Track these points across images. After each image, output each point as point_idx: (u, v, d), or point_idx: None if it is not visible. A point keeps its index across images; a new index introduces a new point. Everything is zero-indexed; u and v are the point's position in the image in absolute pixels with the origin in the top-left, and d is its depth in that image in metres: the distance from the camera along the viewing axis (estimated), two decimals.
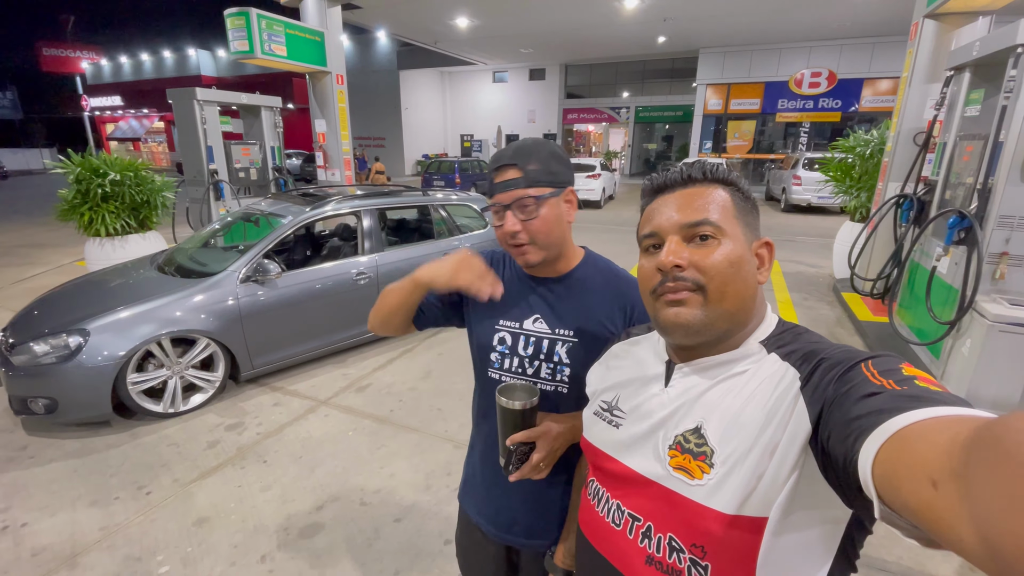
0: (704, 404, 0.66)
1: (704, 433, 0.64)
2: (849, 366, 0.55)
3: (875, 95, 16.71)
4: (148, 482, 2.57)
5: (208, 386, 3.33)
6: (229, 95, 6.30)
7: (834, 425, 0.51)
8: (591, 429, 0.81)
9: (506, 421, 0.89)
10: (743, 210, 0.69)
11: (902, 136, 5.17)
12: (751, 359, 0.66)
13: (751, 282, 0.67)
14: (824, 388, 0.55)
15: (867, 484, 0.45)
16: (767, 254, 0.70)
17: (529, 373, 1.03)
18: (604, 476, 0.76)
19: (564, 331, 1.01)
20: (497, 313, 1.07)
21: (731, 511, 0.59)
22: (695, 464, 0.63)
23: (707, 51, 18.29)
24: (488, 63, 23.11)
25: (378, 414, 3.27)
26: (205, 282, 3.32)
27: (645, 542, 0.68)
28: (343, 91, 7.82)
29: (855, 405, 0.50)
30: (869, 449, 0.45)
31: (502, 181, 0.95)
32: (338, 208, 4.07)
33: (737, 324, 0.67)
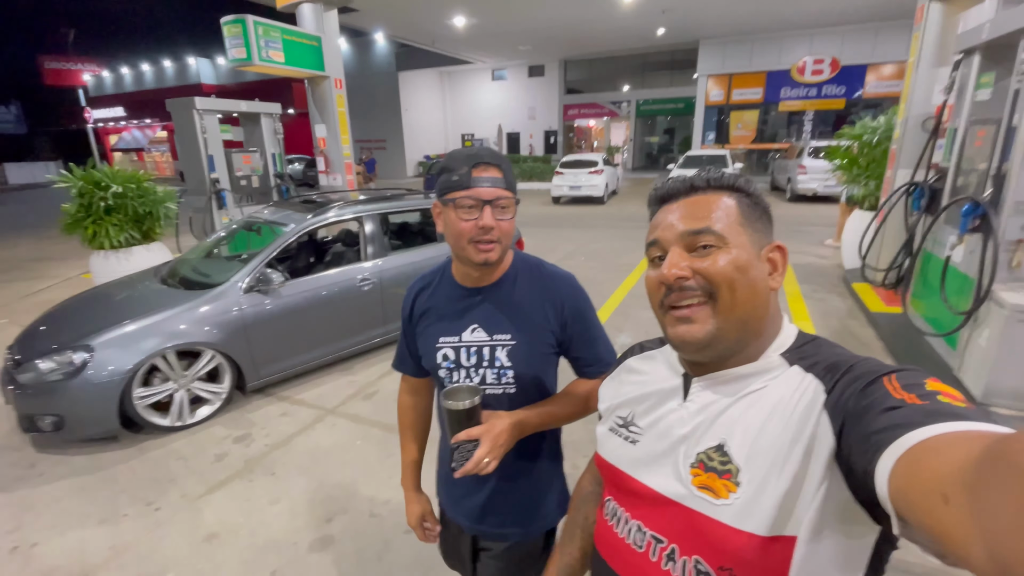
0: (726, 420, 0.63)
1: (728, 451, 0.61)
2: (872, 379, 0.53)
3: (879, 80, 16.52)
4: (156, 498, 2.56)
5: (214, 398, 3.31)
6: (228, 103, 6.29)
7: (854, 439, 0.51)
8: (606, 445, 0.79)
9: (451, 421, 0.93)
10: (750, 216, 0.67)
11: (910, 122, 5.08)
12: (773, 372, 0.63)
13: (761, 288, 0.65)
14: (846, 401, 0.54)
15: (884, 499, 0.45)
16: (780, 259, 0.67)
17: (476, 381, 1.06)
18: (622, 495, 0.74)
19: (501, 335, 1.05)
20: (437, 331, 1.10)
21: (762, 532, 0.57)
22: (720, 483, 0.61)
23: (707, 42, 18.14)
24: (487, 61, 23.05)
25: (386, 422, 3.24)
26: (209, 293, 3.30)
27: (669, 565, 0.65)
28: (342, 95, 7.79)
29: (875, 419, 0.49)
30: (885, 464, 0.45)
31: (486, 177, 0.96)
32: (340, 215, 4.04)
33: (750, 333, 0.65)
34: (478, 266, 1.01)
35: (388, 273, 4.15)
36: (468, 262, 1.01)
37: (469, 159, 0.97)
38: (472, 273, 1.05)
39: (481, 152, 0.98)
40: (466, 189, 0.95)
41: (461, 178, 0.96)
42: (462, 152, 0.98)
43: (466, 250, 0.99)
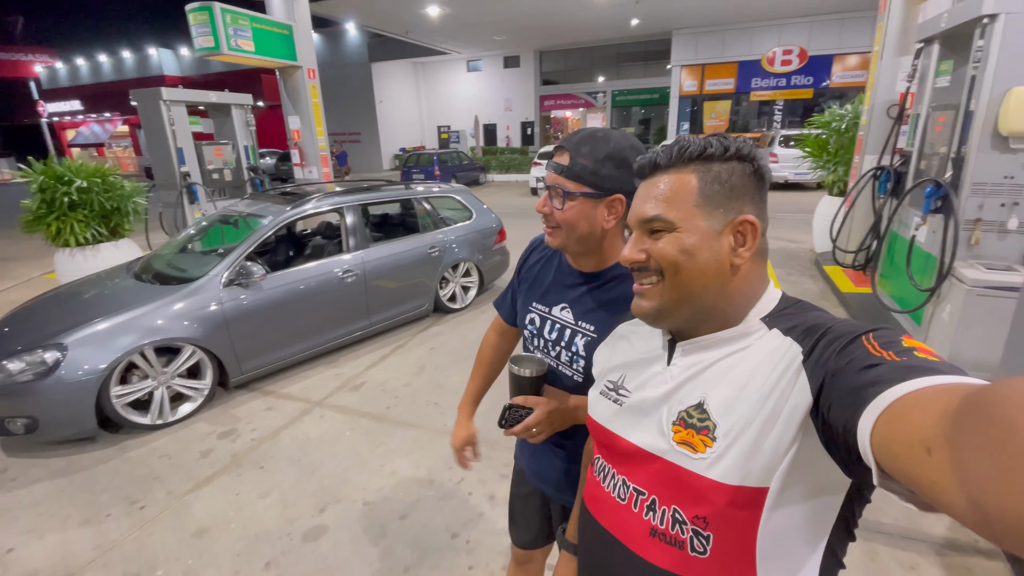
0: (706, 380, 0.68)
1: (707, 408, 0.66)
2: (851, 339, 0.56)
3: (845, 71, 16.96)
4: (141, 496, 2.51)
5: (196, 394, 3.25)
6: (197, 94, 6.09)
7: (835, 396, 0.53)
8: (596, 407, 0.83)
9: (513, 385, 1.01)
10: (711, 192, 0.67)
11: (876, 109, 5.25)
12: (752, 336, 0.67)
13: (712, 267, 0.67)
14: (825, 361, 0.56)
15: (866, 452, 0.47)
16: (749, 231, 0.67)
17: (552, 356, 1.10)
18: (609, 453, 0.79)
19: (586, 325, 1.04)
20: (534, 296, 1.15)
21: (732, 482, 0.61)
22: (698, 439, 0.65)
23: (680, 32, 18.32)
24: (461, 52, 22.81)
25: (374, 412, 3.23)
26: (186, 288, 3.23)
27: (649, 515, 0.70)
28: (316, 86, 7.63)
29: (856, 376, 0.51)
30: (868, 418, 0.47)
31: (555, 163, 0.98)
32: (319, 206, 3.99)
33: (706, 307, 0.69)
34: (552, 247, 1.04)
35: (371, 265, 4.12)
36: None
37: (561, 140, 0.99)
38: (571, 254, 1.06)
39: (573, 135, 0.98)
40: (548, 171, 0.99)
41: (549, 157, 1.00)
42: (573, 132, 1.00)
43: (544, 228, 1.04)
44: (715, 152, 0.68)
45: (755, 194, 0.69)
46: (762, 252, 0.70)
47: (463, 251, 4.87)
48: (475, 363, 1.39)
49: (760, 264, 0.70)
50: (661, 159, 0.70)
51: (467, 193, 5.30)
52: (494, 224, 5.23)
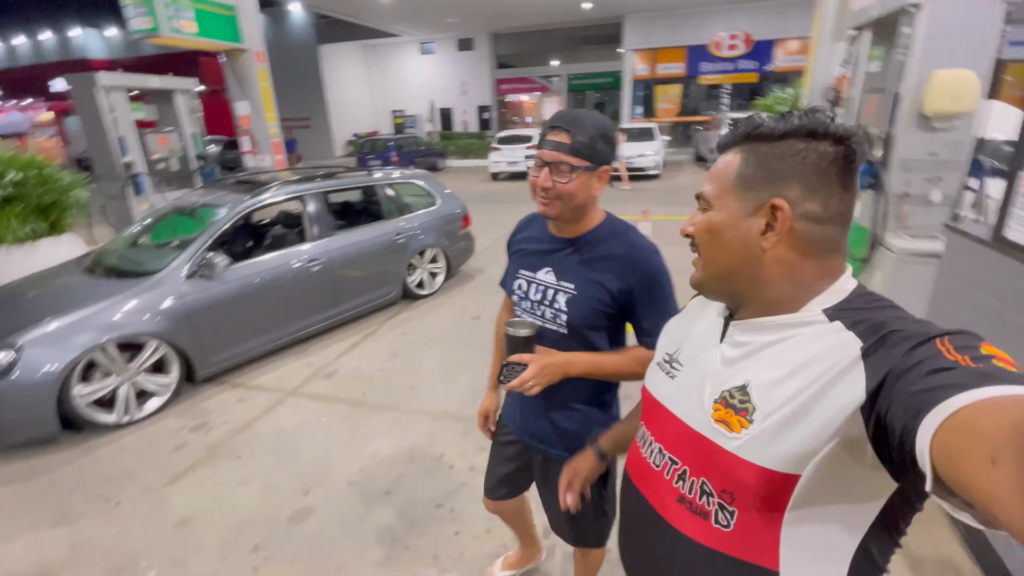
0: (754, 363, 0.67)
1: (749, 391, 0.66)
2: (923, 339, 0.53)
3: (787, 55, 17.68)
4: (115, 493, 2.47)
5: (163, 390, 3.18)
6: (138, 78, 5.76)
7: (896, 396, 0.51)
8: (651, 378, 0.86)
9: (508, 346, 1.12)
10: (747, 175, 0.67)
11: (815, 93, 5.59)
12: (811, 325, 0.65)
13: (738, 249, 0.68)
14: (891, 359, 0.54)
15: (923, 458, 0.45)
16: (778, 218, 0.65)
17: (537, 315, 1.24)
18: (653, 421, 0.82)
19: (566, 283, 1.18)
20: (522, 265, 1.29)
21: (763, 464, 0.62)
22: (736, 419, 0.66)
23: (631, 16, 18.55)
24: (414, 34, 22.29)
25: (350, 398, 3.27)
26: (146, 281, 3.13)
27: (680, 483, 0.73)
28: (265, 69, 7.36)
29: (923, 379, 0.49)
30: (931, 422, 0.45)
31: (552, 140, 1.08)
32: (282, 194, 3.92)
33: (744, 288, 0.69)
34: (550, 218, 1.16)
35: (336, 253, 4.10)
36: None
37: (551, 121, 1.09)
38: (555, 224, 1.20)
39: (562, 115, 1.09)
40: (539, 149, 1.10)
41: (540, 138, 1.11)
42: (556, 113, 1.10)
43: (536, 200, 1.15)
44: (765, 132, 0.66)
45: (811, 178, 0.64)
46: (817, 241, 0.65)
47: (429, 237, 4.89)
48: (495, 341, 1.53)
49: (812, 254, 0.66)
50: (723, 140, 0.72)
51: (430, 179, 5.30)
52: (458, 210, 5.26)
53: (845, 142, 0.63)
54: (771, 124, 0.66)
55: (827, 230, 0.65)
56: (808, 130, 0.63)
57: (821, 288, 0.66)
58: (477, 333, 4.15)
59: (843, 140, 0.63)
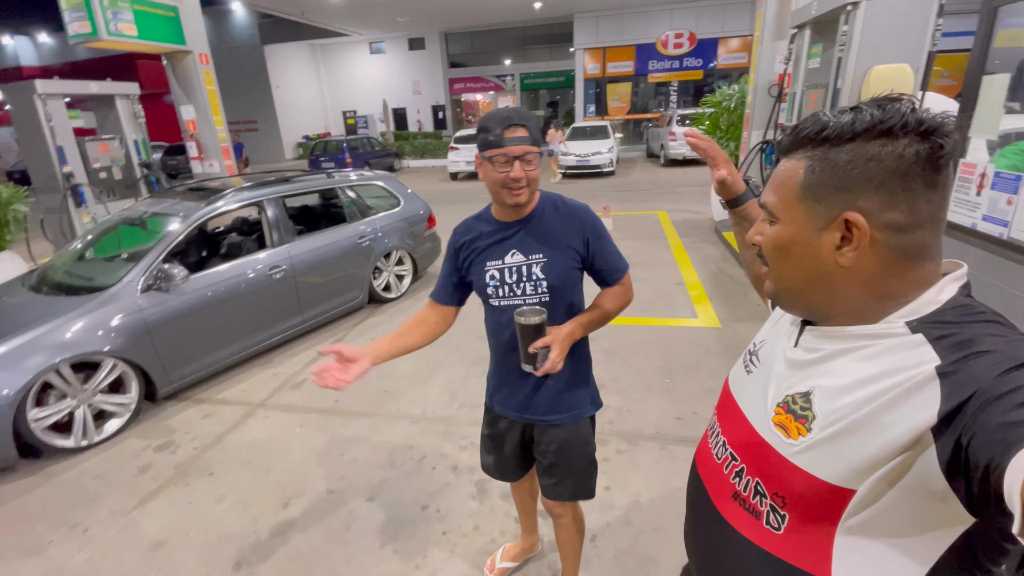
0: (822, 371, 0.64)
1: (812, 399, 0.63)
2: (1018, 364, 0.48)
3: (729, 53, 18.42)
4: (82, 519, 2.35)
5: (122, 410, 3.04)
6: (76, 85, 5.42)
7: (983, 425, 0.47)
8: (734, 371, 0.85)
9: (525, 335, 1.23)
10: (814, 184, 0.61)
11: (759, 89, 5.88)
12: (889, 339, 0.59)
13: (811, 266, 0.63)
14: (974, 382, 0.49)
15: (1012, 498, 0.42)
16: (854, 233, 0.58)
17: (518, 294, 1.35)
18: (723, 414, 0.83)
19: (535, 255, 1.33)
20: (484, 258, 1.37)
21: (817, 474, 0.60)
22: (795, 425, 0.64)
23: (581, 16, 18.85)
24: (363, 34, 21.85)
25: (322, 407, 3.21)
26: (99, 297, 2.98)
27: (736, 479, 0.73)
28: (210, 71, 7.06)
29: (1017, 410, 0.45)
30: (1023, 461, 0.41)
31: (515, 137, 1.20)
32: (238, 200, 3.80)
33: (820, 302, 0.65)
34: (511, 206, 1.28)
35: (299, 259, 4.01)
36: (504, 204, 1.29)
37: (502, 121, 1.20)
38: (508, 211, 1.33)
39: (511, 115, 1.21)
40: (499, 148, 1.20)
41: (496, 138, 1.20)
42: (496, 114, 1.22)
43: (501, 194, 1.27)
44: (832, 133, 0.59)
45: (890, 184, 0.56)
46: (904, 251, 0.58)
47: (393, 239, 4.85)
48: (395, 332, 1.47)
49: (898, 264, 0.59)
50: (784, 144, 0.65)
51: (392, 180, 5.25)
52: (422, 210, 5.24)
53: (930, 137, 0.54)
54: (838, 123, 0.58)
55: (915, 237, 0.58)
56: (884, 128, 0.55)
57: (909, 299, 0.60)
58: (450, 334, 4.08)
59: (928, 134, 0.54)
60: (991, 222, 1.91)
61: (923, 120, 0.54)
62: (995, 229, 1.88)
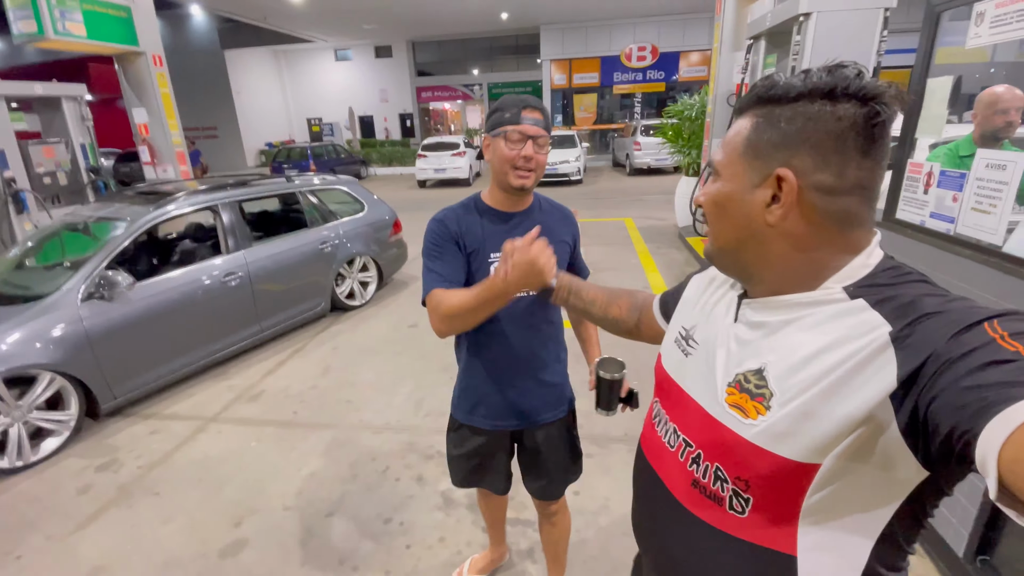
0: (770, 345, 0.63)
1: (766, 375, 0.62)
2: (968, 324, 0.48)
3: (689, 66, 19.03)
4: (14, 547, 2.15)
5: (61, 428, 2.83)
6: (19, 86, 5.11)
7: (944, 388, 0.46)
8: (666, 355, 0.82)
9: (605, 388, 1.24)
10: (756, 141, 0.61)
11: (719, 99, 6.04)
12: (829, 305, 0.59)
13: (742, 222, 0.63)
14: (929, 345, 0.49)
15: (985, 466, 0.42)
16: (784, 189, 0.59)
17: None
18: (666, 400, 0.80)
19: None
20: (486, 248, 1.29)
21: (781, 453, 0.58)
22: (751, 404, 0.62)
23: (547, 27, 19.14)
24: (328, 40, 21.57)
25: (280, 419, 3.07)
26: (35, 306, 2.78)
27: (693, 467, 0.70)
28: (164, 74, 6.78)
29: (979, 372, 0.44)
30: (998, 428, 0.41)
31: (532, 117, 1.19)
32: (190, 204, 3.63)
33: (752, 263, 0.65)
34: (515, 190, 1.23)
35: (255, 266, 3.86)
36: (507, 187, 1.24)
37: (520, 102, 1.20)
38: (510, 199, 1.28)
39: (528, 98, 1.21)
40: (515, 124, 1.18)
41: (512, 116, 1.19)
42: (513, 97, 1.22)
43: (508, 175, 1.21)
44: (777, 93, 0.59)
45: (824, 144, 0.57)
46: (832, 213, 0.59)
47: (357, 245, 4.74)
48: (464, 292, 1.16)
49: (827, 227, 0.59)
50: (740, 104, 0.66)
51: (356, 184, 5.14)
52: (387, 216, 5.14)
53: (869, 102, 0.55)
54: (786, 83, 0.59)
55: (844, 201, 0.58)
56: (826, 89, 0.56)
57: (841, 264, 0.60)
58: (416, 341, 4.06)
59: (868, 100, 0.55)
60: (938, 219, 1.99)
61: (865, 86, 0.55)
62: (942, 226, 1.95)
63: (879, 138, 0.56)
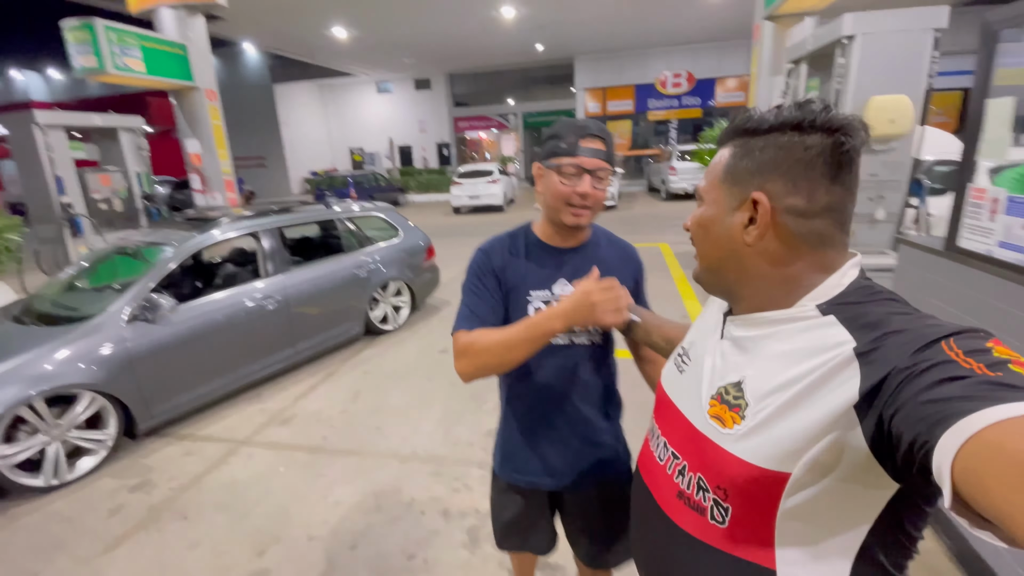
0: (749, 359, 0.67)
1: (743, 387, 0.65)
2: (927, 342, 0.51)
3: (726, 92, 18.88)
4: (42, 568, 2.17)
5: (98, 447, 2.88)
6: (78, 116, 5.50)
7: (905, 402, 0.48)
8: (665, 372, 0.87)
9: None
10: (736, 168, 0.66)
11: None
12: (803, 321, 0.63)
13: (723, 243, 0.68)
14: (891, 360, 0.52)
15: (941, 475, 0.43)
16: (759, 211, 0.64)
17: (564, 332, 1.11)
18: (660, 415, 0.83)
19: None
20: (527, 284, 1.15)
21: (754, 461, 0.61)
22: (729, 415, 0.66)
23: (582, 58, 19.45)
24: (370, 74, 22.55)
25: (309, 444, 3.05)
26: (81, 327, 2.88)
27: (679, 478, 0.73)
28: (216, 107, 7.20)
29: (937, 387, 0.46)
30: (951, 441, 0.43)
31: (591, 148, 1.05)
32: (232, 230, 3.74)
33: (734, 282, 0.70)
34: (568, 228, 1.11)
35: (293, 290, 3.92)
36: (559, 224, 1.11)
37: (579, 130, 1.05)
38: (562, 234, 1.15)
39: (589, 124, 1.07)
40: (571, 156, 1.04)
41: (569, 146, 1.05)
42: (572, 122, 1.07)
43: (560, 212, 1.08)
44: (752, 125, 0.65)
45: (793, 171, 0.62)
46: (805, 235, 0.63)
47: (392, 270, 4.78)
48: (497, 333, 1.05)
49: (801, 248, 0.64)
50: (722, 136, 0.72)
51: (392, 211, 5.22)
52: (422, 242, 5.18)
53: (835, 133, 0.60)
54: (759, 117, 0.65)
55: (816, 223, 0.63)
56: (795, 122, 0.62)
57: (815, 283, 0.64)
58: (446, 367, 4.01)
59: (833, 131, 0.60)
60: (1008, 248, 1.81)
61: (830, 119, 0.60)
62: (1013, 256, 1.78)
63: (846, 165, 0.61)
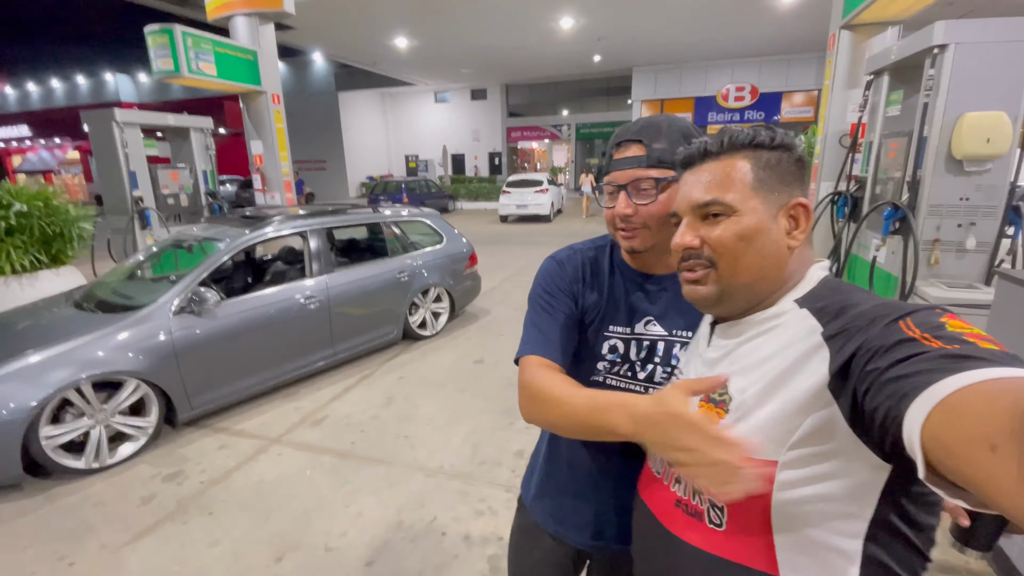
0: (733, 359, 0.70)
1: (727, 385, 0.67)
2: (888, 321, 0.53)
3: (792, 107, 18.02)
4: (70, 551, 2.21)
5: (139, 433, 2.96)
6: (153, 116, 5.86)
7: (872, 381, 0.50)
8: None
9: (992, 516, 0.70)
10: (766, 177, 0.68)
11: (829, 139, 5.51)
12: (783, 316, 0.67)
13: (771, 252, 0.68)
14: (856, 340, 0.54)
15: (912, 446, 0.45)
16: (801, 215, 0.69)
17: (641, 377, 0.94)
18: None
19: (681, 332, 0.92)
20: (605, 318, 0.95)
21: None
22: (714, 412, 0.67)
23: (640, 69, 19.13)
24: (429, 83, 23.13)
25: (338, 448, 3.02)
26: (132, 316, 2.98)
27: (676, 487, 0.74)
28: (280, 111, 7.50)
29: (900, 364, 0.48)
30: (918, 410, 0.44)
31: (622, 158, 0.87)
32: (281, 229, 3.81)
33: (760, 293, 0.69)
34: (629, 253, 0.93)
35: (335, 291, 3.95)
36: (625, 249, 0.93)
37: (615, 138, 0.89)
38: (641, 257, 0.93)
39: (629, 127, 0.89)
40: (607, 174, 0.90)
41: (607, 161, 0.90)
42: (620, 128, 0.91)
43: (616, 236, 0.92)
44: (764, 140, 0.69)
45: (801, 181, 0.71)
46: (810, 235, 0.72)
47: (433, 276, 4.75)
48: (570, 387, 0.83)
49: (809, 247, 0.71)
50: (712, 147, 0.71)
51: (437, 217, 5.21)
52: (465, 249, 5.14)
53: (795, 150, 0.70)
54: (766, 133, 0.69)
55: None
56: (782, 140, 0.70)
57: (797, 280, 0.70)
58: (480, 378, 3.91)
59: (793, 149, 0.70)
60: None
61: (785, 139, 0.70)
62: None
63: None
